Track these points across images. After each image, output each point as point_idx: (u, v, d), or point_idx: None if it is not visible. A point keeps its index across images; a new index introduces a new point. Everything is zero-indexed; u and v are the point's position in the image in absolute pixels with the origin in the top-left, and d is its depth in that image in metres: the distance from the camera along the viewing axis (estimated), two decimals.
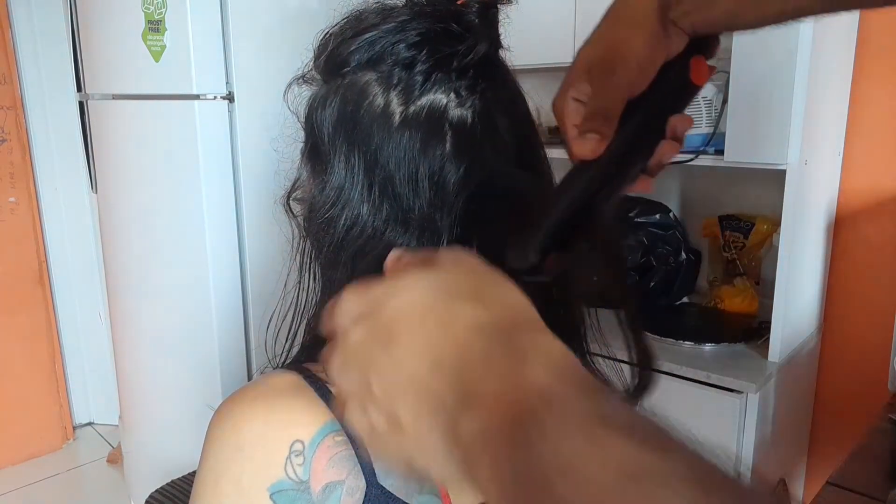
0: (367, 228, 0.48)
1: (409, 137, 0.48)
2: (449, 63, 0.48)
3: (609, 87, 0.47)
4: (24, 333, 2.56)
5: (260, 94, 1.69)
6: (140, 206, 1.78)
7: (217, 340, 1.74)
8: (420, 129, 0.48)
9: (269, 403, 0.46)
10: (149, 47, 1.62)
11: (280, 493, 0.44)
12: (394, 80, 0.48)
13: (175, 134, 1.66)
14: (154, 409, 1.92)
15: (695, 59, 0.49)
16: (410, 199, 0.48)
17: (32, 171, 2.54)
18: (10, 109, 2.45)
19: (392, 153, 0.48)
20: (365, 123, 0.48)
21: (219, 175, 1.67)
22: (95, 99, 1.83)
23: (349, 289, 0.38)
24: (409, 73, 0.48)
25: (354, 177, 0.49)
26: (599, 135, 0.46)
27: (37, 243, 2.56)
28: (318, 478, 0.45)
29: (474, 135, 0.49)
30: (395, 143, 0.48)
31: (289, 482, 0.44)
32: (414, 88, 0.48)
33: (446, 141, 0.48)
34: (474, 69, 0.49)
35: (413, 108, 0.48)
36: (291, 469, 0.44)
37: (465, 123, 0.49)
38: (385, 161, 0.48)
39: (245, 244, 1.74)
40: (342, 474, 0.46)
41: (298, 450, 0.44)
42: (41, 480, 2.51)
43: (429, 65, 0.47)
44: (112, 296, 1.97)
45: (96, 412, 2.86)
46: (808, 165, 1.34)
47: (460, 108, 0.49)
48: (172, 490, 1.55)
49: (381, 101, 0.48)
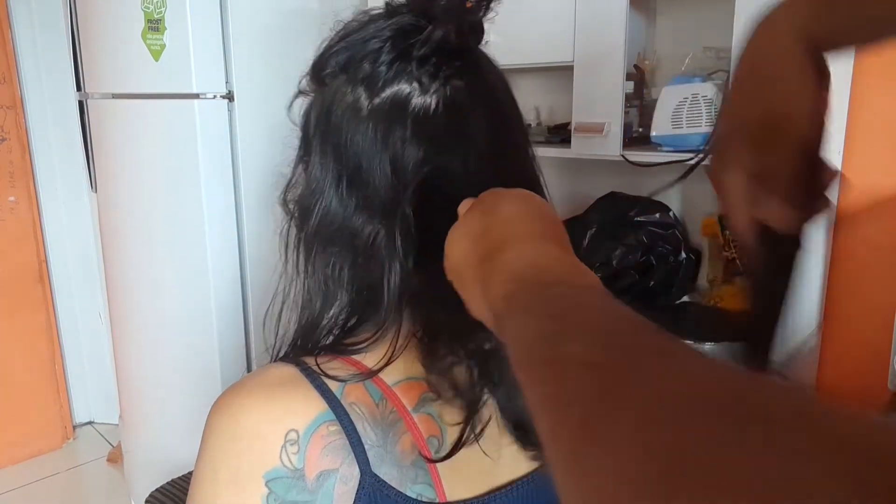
0: (338, 217, 0.51)
1: (373, 127, 0.50)
2: (409, 53, 0.49)
3: (783, 145, 0.43)
4: (24, 333, 2.56)
5: (260, 94, 1.69)
6: (140, 205, 1.78)
7: (217, 340, 1.74)
8: (384, 118, 0.50)
9: (266, 394, 0.48)
10: (148, 46, 1.62)
11: (275, 481, 0.46)
12: (360, 75, 0.50)
13: (175, 133, 1.66)
14: (154, 409, 1.92)
15: None
16: (375, 187, 0.50)
17: (32, 171, 2.54)
18: (10, 109, 2.45)
19: (359, 143, 0.50)
20: (337, 118, 0.51)
21: (219, 174, 1.67)
22: (95, 98, 1.83)
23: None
24: (373, 66, 0.50)
25: (327, 170, 0.52)
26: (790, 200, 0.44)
27: (37, 243, 2.56)
28: (312, 466, 0.46)
29: (436, 121, 0.50)
30: (362, 134, 0.50)
31: (284, 470, 0.46)
32: (378, 80, 0.50)
33: (407, 128, 0.50)
34: (437, 56, 0.50)
35: (378, 99, 0.50)
36: (286, 457, 0.46)
37: (428, 111, 0.50)
38: (352, 152, 0.51)
39: (245, 243, 1.74)
40: (336, 463, 0.47)
41: (293, 439, 0.46)
42: (41, 480, 2.51)
43: (391, 56, 0.49)
44: (112, 296, 1.97)
45: (96, 412, 2.86)
46: None
47: (423, 95, 0.50)
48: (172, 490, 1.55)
49: (350, 97, 0.51)
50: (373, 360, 0.51)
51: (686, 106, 1.38)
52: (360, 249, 0.51)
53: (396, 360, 0.50)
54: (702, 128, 1.37)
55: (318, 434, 0.47)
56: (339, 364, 0.50)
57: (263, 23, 1.69)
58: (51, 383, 2.66)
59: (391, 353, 0.50)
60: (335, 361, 0.50)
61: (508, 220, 0.42)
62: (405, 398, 0.51)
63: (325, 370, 0.49)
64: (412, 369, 0.52)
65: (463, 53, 0.52)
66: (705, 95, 1.35)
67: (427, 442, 0.51)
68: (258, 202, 1.74)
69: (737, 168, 0.45)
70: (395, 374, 0.51)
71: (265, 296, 0.56)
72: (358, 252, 0.51)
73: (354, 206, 0.51)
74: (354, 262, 0.52)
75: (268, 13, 1.70)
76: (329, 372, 0.49)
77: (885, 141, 1.51)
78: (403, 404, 0.51)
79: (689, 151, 1.37)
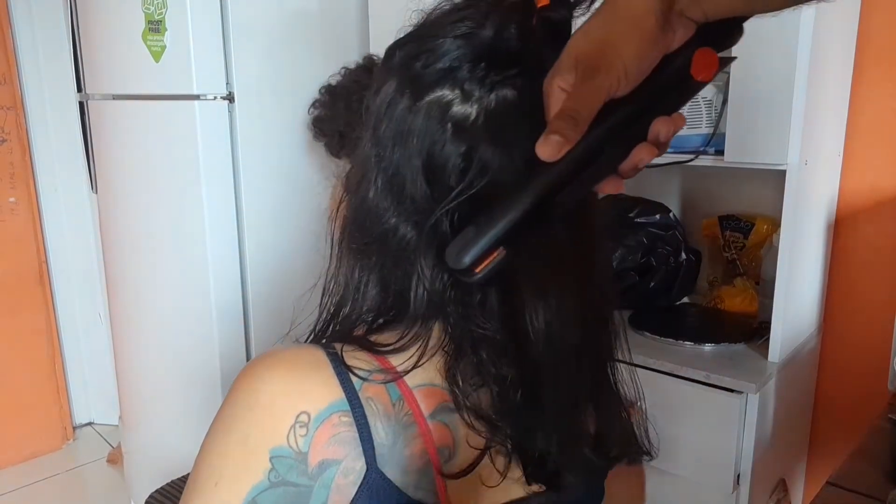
0: (373, 208, 0.50)
1: (414, 132, 0.49)
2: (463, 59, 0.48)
3: (588, 88, 0.43)
4: (24, 333, 2.56)
5: (260, 95, 1.69)
6: (140, 206, 1.78)
7: (217, 340, 1.74)
8: (425, 123, 0.49)
9: (287, 372, 0.48)
10: (149, 47, 1.62)
11: (279, 459, 0.46)
12: (410, 72, 0.49)
13: (175, 134, 1.66)
14: (154, 409, 1.92)
15: (700, 51, 0.44)
16: (412, 192, 0.49)
17: (32, 171, 2.54)
18: (10, 109, 2.45)
19: (400, 147, 0.49)
20: (387, 115, 0.50)
21: (219, 175, 1.67)
22: (95, 99, 1.83)
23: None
24: (423, 69, 0.49)
25: (371, 168, 0.51)
26: (563, 138, 0.43)
27: (37, 243, 2.56)
28: (316, 452, 0.46)
29: (478, 131, 0.48)
30: (404, 138, 0.49)
31: (289, 450, 0.46)
32: (423, 85, 0.49)
33: (446, 135, 0.48)
34: (486, 61, 0.48)
35: (420, 102, 0.49)
36: (293, 438, 0.46)
37: (468, 119, 0.48)
38: (393, 153, 0.50)
39: (245, 244, 1.74)
40: (340, 454, 0.47)
41: (303, 421, 0.46)
42: (41, 480, 2.51)
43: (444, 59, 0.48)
44: (112, 296, 1.97)
45: (96, 412, 2.86)
46: (808, 165, 1.34)
47: (465, 104, 0.48)
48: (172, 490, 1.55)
49: (396, 92, 0.50)
50: (399, 359, 0.50)
51: (686, 106, 1.38)
52: (391, 250, 0.50)
53: (422, 365, 0.50)
54: (702, 128, 1.37)
55: (329, 422, 0.47)
56: (365, 356, 0.50)
57: (264, 24, 1.69)
58: (51, 384, 2.66)
59: (418, 358, 0.50)
60: (362, 352, 0.50)
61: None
62: (423, 403, 0.50)
63: (350, 359, 0.49)
64: (436, 377, 0.51)
65: (521, 59, 0.49)
66: (705, 97, 1.35)
67: (438, 451, 0.50)
68: (258, 203, 1.74)
69: (557, 85, 0.45)
70: (417, 376, 0.50)
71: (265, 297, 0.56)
72: (389, 252, 0.50)
73: (390, 206, 0.50)
74: (384, 264, 0.51)
75: (268, 14, 1.70)
76: (354, 362, 0.49)
77: (885, 141, 1.51)
78: (420, 409, 0.50)
79: (688, 152, 1.37)
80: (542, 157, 0.43)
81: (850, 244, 1.59)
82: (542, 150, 0.43)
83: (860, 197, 1.56)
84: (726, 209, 1.67)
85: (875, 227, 1.55)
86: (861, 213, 1.56)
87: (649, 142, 0.46)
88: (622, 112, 0.44)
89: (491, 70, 0.48)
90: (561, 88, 0.45)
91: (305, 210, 1.83)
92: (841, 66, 1.47)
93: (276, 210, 1.77)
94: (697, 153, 1.37)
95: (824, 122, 1.42)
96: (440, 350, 0.51)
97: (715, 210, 1.69)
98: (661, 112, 0.45)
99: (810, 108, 1.28)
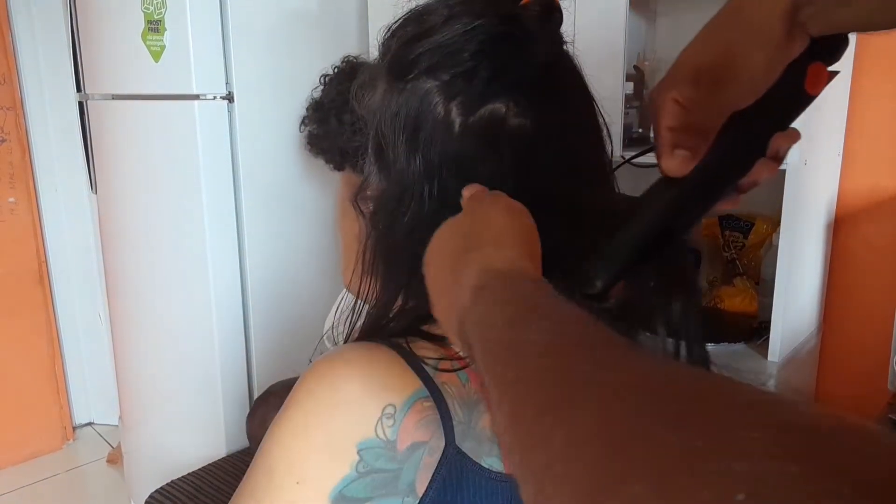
0: (423, 227, 0.50)
1: (467, 146, 0.49)
2: (509, 72, 0.48)
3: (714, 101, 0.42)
4: (24, 334, 2.56)
5: (260, 94, 1.69)
6: (140, 206, 1.78)
7: (217, 340, 1.74)
8: (478, 138, 0.49)
9: (366, 367, 0.49)
10: (148, 47, 1.62)
11: (367, 450, 0.48)
12: (455, 90, 0.49)
13: (175, 134, 1.66)
14: (154, 409, 1.92)
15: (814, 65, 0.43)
16: None
17: (32, 172, 2.54)
18: (10, 109, 2.45)
19: (450, 160, 0.50)
20: (426, 129, 0.50)
21: (219, 175, 1.67)
22: (95, 99, 1.83)
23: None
24: (469, 83, 0.49)
25: (415, 178, 0.51)
26: (691, 153, 0.42)
27: (37, 243, 2.56)
28: (404, 438, 0.49)
29: (532, 144, 0.49)
30: (455, 151, 0.50)
31: (377, 441, 0.48)
32: (474, 99, 0.49)
33: (502, 150, 0.49)
34: (534, 77, 0.49)
35: (472, 118, 0.49)
36: (381, 430, 0.48)
37: (524, 133, 0.49)
38: (443, 166, 0.50)
39: (245, 245, 1.74)
40: (427, 436, 0.49)
41: (390, 413, 0.48)
42: (41, 480, 2.51)
43: (489, 74, 0.48)
44: (112, 296, 1.97)
45: (96, 412, 2.86)
46: (808, 165, 1.34)
47: (519, 117, 0.49)
48: (172, 490, 1.55)
49: (441, 109, 0.50)
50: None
51: None
52: None
53: None
54: None
55: (415, 409, 0.49)
56: (429, 345, 0.52)
57: (264, 24, 1.69)
58: (50, 384, 2.66)
59: None
60: (424, 342, 0.52)
61: (489, 224, 0.43)
62: None
63: (417, 349, 0.51)
64: None
65: (557, 70, 0.51)
66: None
67: None
68: (258, 203, 1.74)
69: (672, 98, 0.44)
70: None
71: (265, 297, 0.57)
72: None
73: (439, 220, 0.49)
74: None
75: (268, 14, 1.70)
76: (422, 353, 0.51)
77: (885, 141, 1.51)
78: None
79: None
80: (668, 172, 0.43)
81: (849, 244, 1.58)
82: (669, 164, 0.43)
83: (860, 197, 1.56)
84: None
85: (875, 227, 1.55)
86: (861, 213, 1.56)
87: (769, 157, 0.46)
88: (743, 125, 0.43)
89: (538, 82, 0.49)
90: (676, 101, 0.44)
91: (305, 210, 1.83)
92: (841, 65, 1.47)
93: (276, 210, 1.77)
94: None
95: (824, 122, 1.42)
96: None
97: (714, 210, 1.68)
98: (777, 127, 0.45)
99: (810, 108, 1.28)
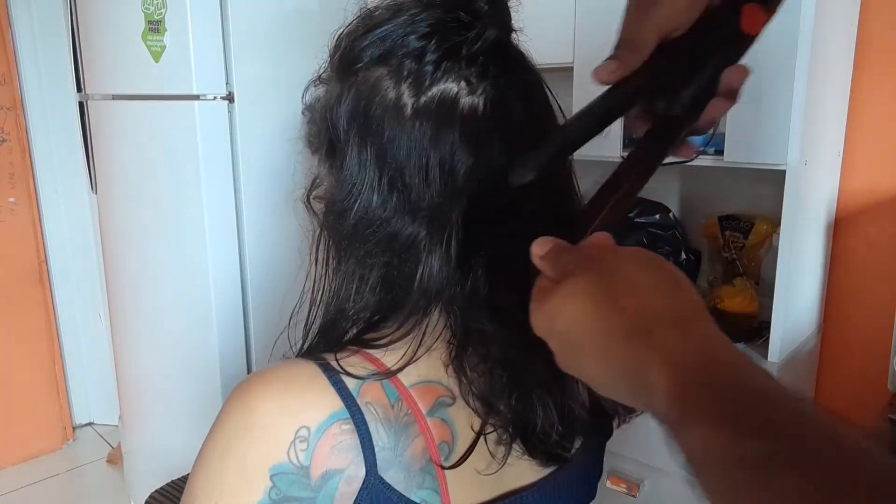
0: (377, 219, 0.49)
1: (420, 128, 0.48)
2: (458, 51, 0.48)
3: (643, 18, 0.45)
4: (24, 334, 2.56)
5: (260, 95, 1.69)
6: (140, 206, 1.78)
7: (217, 340, 1.74)
8: (431, 118, 0.48)
9: (282, 389, 0.48)
10: (148, 47, 1.62)
11: (280, 476, 0.46)
12: (404, 72, 0.48)
13: (175, 134, 1.66)
14: (154, 409, 1.92)
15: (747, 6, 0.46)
16: (420, 190, 0.48)
17: (32, 172, 2.54)
18: (10, 110, 2.45)
19: (404, 144, 0.48)
20: (377, 117, 0.49)
21: (219, 175, 1.67)
22: (95, 99, 1.83)
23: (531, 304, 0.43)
24: (419, 64, 0.48)
25: (366, 170, 0.49)
26: (619, 62, 0.45)
27: (37, 243, 2.56)
28: (318, 464, 0.46)
29: (486, 123, 0.48)
30: (407, 135, 0.48)
31: (290, 466, 0.46)
32: (424, 79, 0.48)
33: (456, 129, 0.48)
34: (485, 56, 0.48)
35: (424, 98, 0.48)
36: (294, 454, 0.46)
37: (477, 111, 0.48)
38: (396, 152, 0.48)
39: (245, 244, 1.74)
40: (343, 462, 0.47)
41: (304, 436, 0.46)
42: (41, 480, 2.51)
43: (438, 54, 0.48)
44: (112, 296, 1.97)
45: (96, 412, 2.86)
46: (808, 165, 1.34)
47: (471, 95, 0.48)
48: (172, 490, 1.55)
49: (392, 94, 0.48)
50: (392, 360, 0.50)
51: None
52: (397, 251, 0.49)
53: (417, 361, 0.50)
54: None
55: (330, 433, 0.47)
56: (358, 360, 0.49)
57: (264, 24, 1.69)
58: (50, 384, 2.66)
59: (413, 353, 0.49)
60: (355, 357, 0.50)
61: (646, 290, 0.39)
62: (421, 401, 0.50)
63: (344, 367, 0.48)
64: (431, 372, 0.51)
65: (507, 51, 0.51)
66: None
67: (438, 448, 0.50)
68: (258, 203, 1.74)
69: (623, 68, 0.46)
70: (413, 375, 0.50)
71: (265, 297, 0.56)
72: (395, 253, 0.49)
73: (395, 208, 0.49)
74: (389, 263, 0.50)
75: (268, 14, 1.70)
76: (348, 369, 0.48)
77: (885, 141, 1.51)
78: (419, 407, 0.50)
79: None
80: (596, 78, 0.45)
81: (850, 244, 1.58)
82: (597, 71, 0.45)
83: (860, 197, 1.56)
84: (726, 209, 1.67)
85: (875, 227, 1.55)
86: (861, 213, 1.56)
87: (721, 94, 0.48)
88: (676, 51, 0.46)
89: (489, 63, 0.48)
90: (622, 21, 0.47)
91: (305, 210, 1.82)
92: (841, 65, 1.47)
93: (276, 210, 1.77)
94: (697, 153, 1.37)
95: (824, 122, 1.42)
96: (441, 342, 0.51)
97: (714, 210, 1.68)
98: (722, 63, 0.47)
99: (810, 107, 1.28)
